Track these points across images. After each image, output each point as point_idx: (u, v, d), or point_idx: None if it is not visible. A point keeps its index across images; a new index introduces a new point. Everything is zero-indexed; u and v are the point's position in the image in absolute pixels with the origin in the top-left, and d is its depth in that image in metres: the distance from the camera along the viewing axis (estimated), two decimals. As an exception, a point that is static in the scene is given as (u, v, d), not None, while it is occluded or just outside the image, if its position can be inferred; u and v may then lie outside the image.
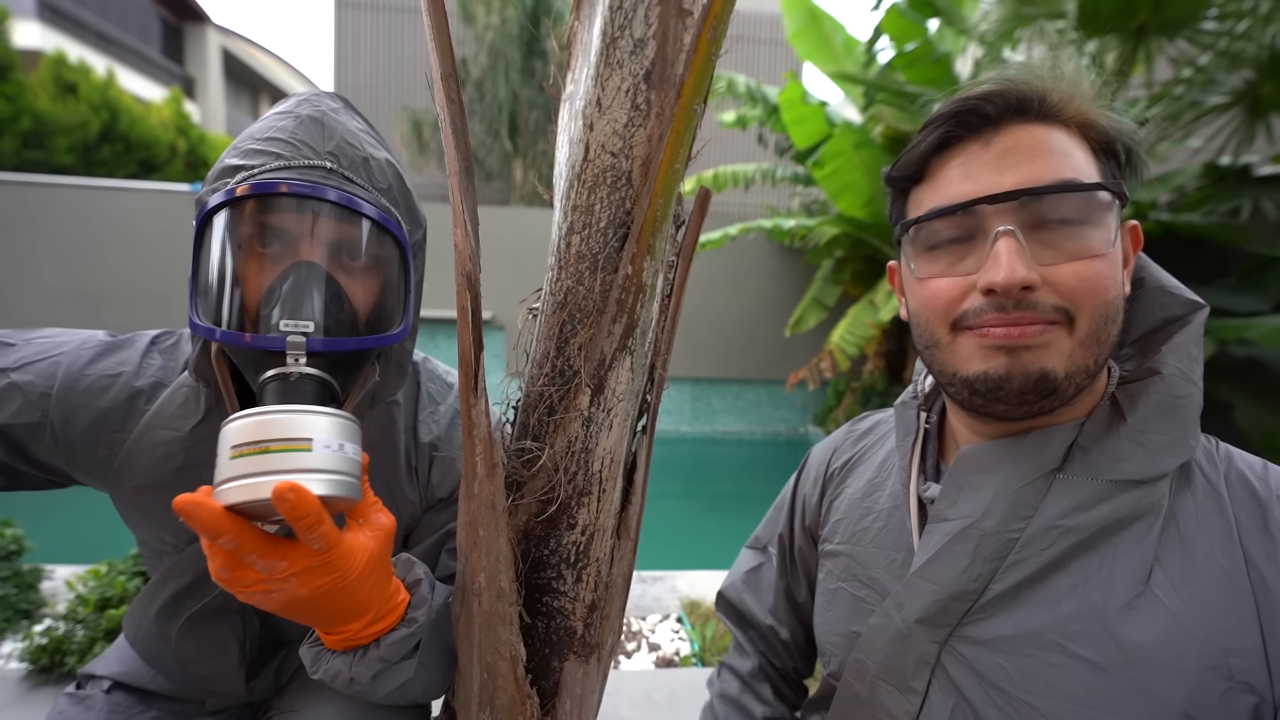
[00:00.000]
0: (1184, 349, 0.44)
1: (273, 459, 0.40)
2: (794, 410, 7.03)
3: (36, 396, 0.57)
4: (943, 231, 0.45)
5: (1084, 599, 0.41)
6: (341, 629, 0.48)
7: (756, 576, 0.73)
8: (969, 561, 0.44)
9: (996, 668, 0.43)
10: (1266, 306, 2.96)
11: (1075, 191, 0.41)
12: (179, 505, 0.38)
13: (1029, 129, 0.43)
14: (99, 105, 8.78)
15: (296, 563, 0.41)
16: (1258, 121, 3.02)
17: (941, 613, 0.45)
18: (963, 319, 0.44)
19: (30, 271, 5.96)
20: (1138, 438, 0.42)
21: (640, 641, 2.09)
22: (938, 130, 0.45)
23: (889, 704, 0.48)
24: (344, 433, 0.44)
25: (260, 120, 0.56)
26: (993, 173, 0.42)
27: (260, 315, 0.48)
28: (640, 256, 0.53)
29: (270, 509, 0.39)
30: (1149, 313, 0.47)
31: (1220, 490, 0.41)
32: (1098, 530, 0.42)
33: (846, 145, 3.89)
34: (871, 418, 0.66)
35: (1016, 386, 0.42)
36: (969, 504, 0.46)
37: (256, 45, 18.60)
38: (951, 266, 0.44)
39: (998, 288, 0.41)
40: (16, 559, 2.04)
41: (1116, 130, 0.43)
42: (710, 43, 0.51)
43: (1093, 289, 0.40)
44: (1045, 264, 0.41)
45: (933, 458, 0.54)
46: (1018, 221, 0.41)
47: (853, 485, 0.61)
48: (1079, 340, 0.41)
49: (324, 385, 0.48)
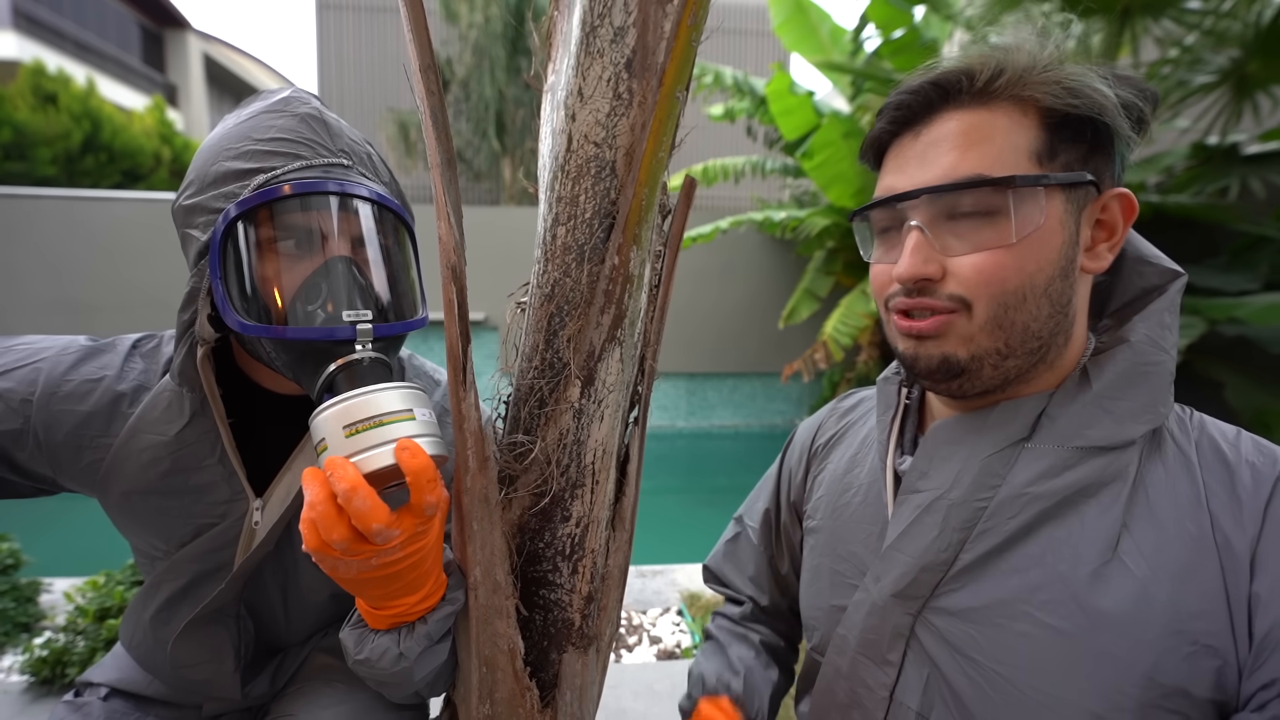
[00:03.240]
0: (1156, 316, 0.44)
1: (386, 430, 0.45)
2: (789, 402, 7.05)
3: (18, 403, 0.56)
4: (879, 220, 0.49)
5: (1052, 567, 0.41)
6: (399, 602, 0.50)
7: (734, 547, 0.75)
8: (938, 532, 0.45)
9: (967, 638, 0.43)
10: (1256, 285, 2.98)
11: (968, 188, 0.41)
12: (310, 473, 0.43)
13: (958, 116, 0.43)
14: (80, 115, 8.67)
15: (408, 529, 0.45)
16: (1244, 100, 3.03)
17: (913, 584, 0.46)
18: (889, 301, 0.47)
19: (18, 284, 5.91)
20: (1104, 404, 0.43)
21: (642, 635, 2.10)
22: (878, 125, 0.48)
23: (867, 677, 0.49)
24: (425, 401, 0.49)
25: (243, 120, 0.55)
26: (916, 166, 0.45)
27: (319, 309, 0.51)
28: (626, 246, 0.53)
29: (392, 474, 0.44)
30: (1128, 284, 0.48)
31: (1190, 457, 0.42)
32: (1065, 498, 0.42)
33: (835, 135, 3.89)
34: (856, 395, 0.67)
35: (923, 367, 0.46)
36: (938, 475, 0.47)
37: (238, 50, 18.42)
38: (885, 254, 0.48)
39: (898, 279, 0.45)
40: (14, 573, 2.03)
41: (1069, 105, 0.41)
42: (691, 29, 0.51)
43: (988, 280, 0.42)
44: (952, 254, 0.43)
45: (912, 432, 0.55)
46: (927, 216, 0.44)
47: (835, 461, 0.61)
48: (979, 326, 0.43)
49: (388, 366, 0.53)
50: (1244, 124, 3.19)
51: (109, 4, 13.02)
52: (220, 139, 0.54)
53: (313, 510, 0.42)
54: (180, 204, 0.54)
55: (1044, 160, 0.42)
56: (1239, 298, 2.78)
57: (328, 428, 0.45)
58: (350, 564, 0.44)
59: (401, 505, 0.45)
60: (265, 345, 0.52)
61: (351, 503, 0.41)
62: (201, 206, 0.53)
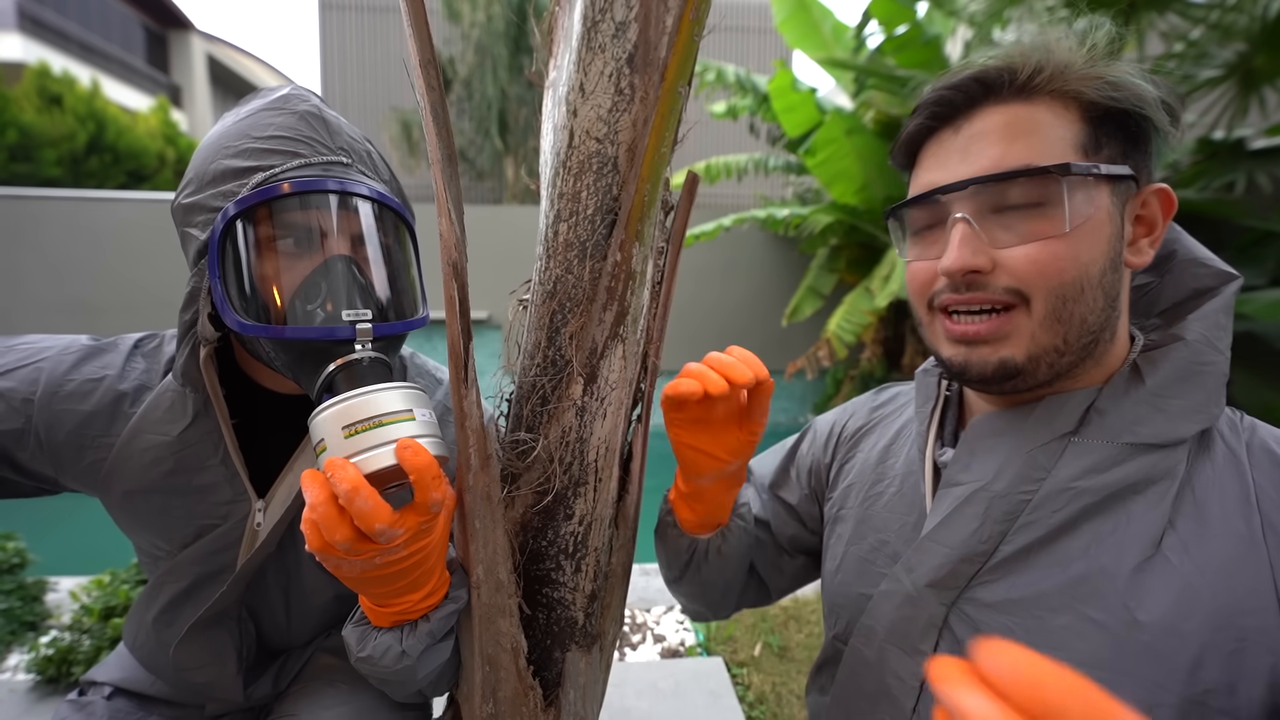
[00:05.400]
0: (1211, 317, 0.44)
1: (386, 430, 0.44)
2: (793, 400, 7.03)
3: (19, 403, 0.56)
4: (918, 218, 0.48)
5: (1095, 561, 0.41)
6: (402, 600, 0.50)
7: (774, 457, 0.73)
8: (979, 524, 0.45)
9: (1004, 629, 0.43)
10: (1263, 280, 2.95)
11: (1021, 177, 0.41)
12: (310, 475, 0.42)
13: (1000, 110, 0.43)
14: (85, 116, 8.71)
15: (411, 527, 0.44)
16: (1251, 94, 3.01)
17: (950, 575, 0.46)
18: (933, 299, 0.46)
19: (24, 285, 5.94)
20: (1156, 401, 0.42)
21: (645, 633, 2.10)
22: (914, 121, 0.47)
23: (897, 667, 0.48)
24: (425, 401, 0.49)
25: (242, 118, 0.55)
26: (959, 160, 0.44)
27: (319, 309, 0.50)
28: (629, 243, 0.53)
29: (393, 475, 0.44)
30: (1180, 284, 0.47)
31: (1240, 457, 0.41)
32: (1112, 493, 0.41)
33: (838, 132, 3.87)
34: (892, 389, 0.67)
35: (975, 374, 0.44)
36: (981, 468, 0.46)
37: (242, 51, 18.47)
38: (926, 250, 0.47)
39: (945, 273, 0.43)
40: (20, 572, 2.04)
41: (1111, 99, 0.41)
42: (693, 23, 0.51)
43: (1044, 270, 0.41)
44: (1002, 246, 0.42)
45: (952, 425, 0.54)
46: (973, 208, 0.43)
47: (866, 451, 0.61)
48: (1038, 321, 0.42)
49: (388, 365, 0.52)
50: (1250, 119, 3.16)
51: (113, 5, 13.07)
52: (219, 137, 0.54)
53: (314, 512, 0.42)
54: (179, 203, 0.54)
55: (1089, 153, 0.42)
56: (1246, 293, 2.76)
57: (327, 428, 0.45)
58: (354, 563, 0.44)
59: (402, 506, 0.45)
60: (265, 345, 0.52)
61: (353, 503, 0.41)
62: (200, 205, 0.52)
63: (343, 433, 0.44)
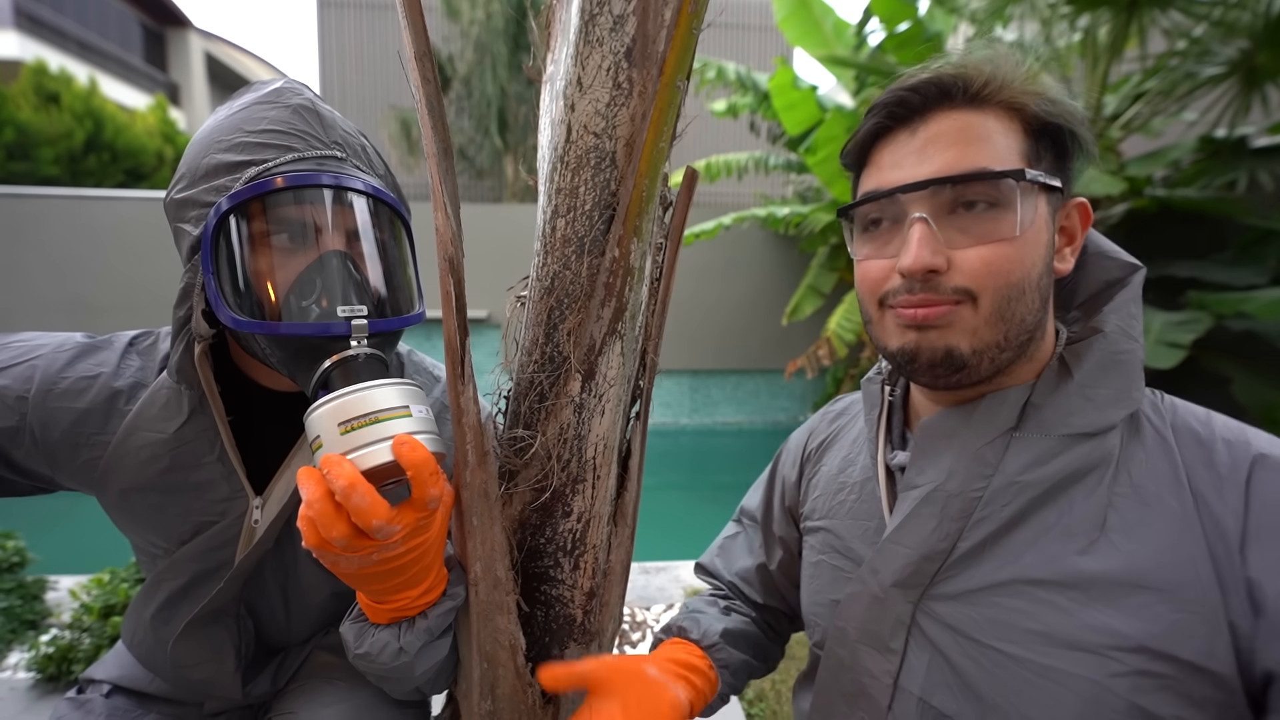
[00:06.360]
0: (1124, 308, 0.47)
1: (383, 427, 0.44)
2: (793, 399, 7.03)
3: (13, 400, 0.56)
4: (872, 216, 0.49)
5: (1044, 549, 0.44)
6: (400, 597, 0.50)
7: (732, 544, 0.76)
8: (937, 523, 0.47)
9: (966, 619, 0.45)
10: (1264, 279, 2.94)
11: (980, 180, 0.43)
12: (306, 471, 0.42)
13: (954, 115, 0.45)
14: (83, 114, 8.68)
15: (408, 524, 0.44)
16: (1253, 92, 2.99)
17: (914, 574, 0.48)
18: (886, 297, 0.47)
19: (24, 283, 5.94)
20: (1085, 392, 0.45)
21: (644, 631, 2.10)
22: (871, 121, 0.49)
23: (870, 666, 0.50)
24: (422, 398, 0.48)
25: (235, 112, 0.54)
26: (915, 162, 0.46)
27: (314, 305, 0.50)
28: (627, 239, 0.52)
29: (390, 471, 0.43)
30: (1092, 277, 0.50)
31: (1167, 437, 0.44)
32: (1054, 484, 0.44)
33: (839, 130, 3.86)
34: (845, 399, 0.69)
35: (925, 360, 0.46)
36: (934, 469, 0.48)
37: (240, 48, 18.43)
38: (880, 249, 0.48)
39: (905, 272, 0.44)
40: (20, 571, 2.04)
41: (1049, 113, 0.44)
42: (691, 16, 0.50)
43: (994, 271, 0.43)
44: (956, 247, 0.44)
45: (899, 428, 0.56)
46: (931, 208, 0.44)
47: (828, 463, 0.63)
48: (983, 318, 0.44)
49: (383, 362, 0.51)
50: (1252, 116, 3.15)
51: (111, 3, 13.04)
52: (212, 131, 0.53)
53: (311, 508, 0.41)
54: (172, 198, 0.54)
55: (1032, 163, 0.45)
56: (1247, 292, 2.75)
57: (322, 425, 0.44)
58: (351, 559, 0.44)
59: (399, 502, 0.45)
60: (259, 341, 0.51)
61: (350, 500, 0.41)
62: (193, 200, 0.52)
63: (339, 429, 0.44)
